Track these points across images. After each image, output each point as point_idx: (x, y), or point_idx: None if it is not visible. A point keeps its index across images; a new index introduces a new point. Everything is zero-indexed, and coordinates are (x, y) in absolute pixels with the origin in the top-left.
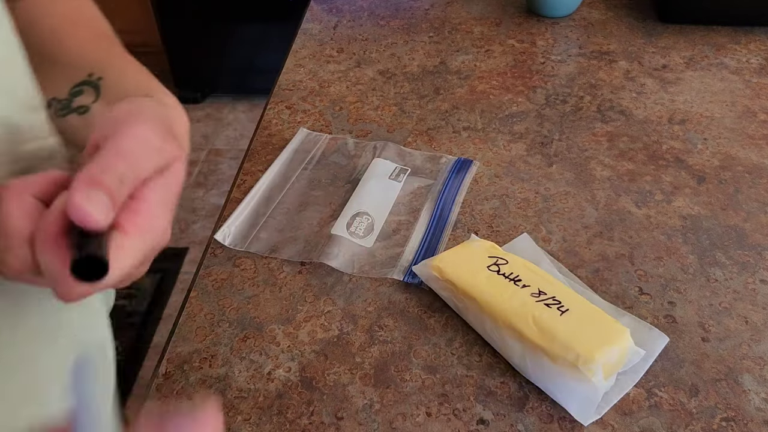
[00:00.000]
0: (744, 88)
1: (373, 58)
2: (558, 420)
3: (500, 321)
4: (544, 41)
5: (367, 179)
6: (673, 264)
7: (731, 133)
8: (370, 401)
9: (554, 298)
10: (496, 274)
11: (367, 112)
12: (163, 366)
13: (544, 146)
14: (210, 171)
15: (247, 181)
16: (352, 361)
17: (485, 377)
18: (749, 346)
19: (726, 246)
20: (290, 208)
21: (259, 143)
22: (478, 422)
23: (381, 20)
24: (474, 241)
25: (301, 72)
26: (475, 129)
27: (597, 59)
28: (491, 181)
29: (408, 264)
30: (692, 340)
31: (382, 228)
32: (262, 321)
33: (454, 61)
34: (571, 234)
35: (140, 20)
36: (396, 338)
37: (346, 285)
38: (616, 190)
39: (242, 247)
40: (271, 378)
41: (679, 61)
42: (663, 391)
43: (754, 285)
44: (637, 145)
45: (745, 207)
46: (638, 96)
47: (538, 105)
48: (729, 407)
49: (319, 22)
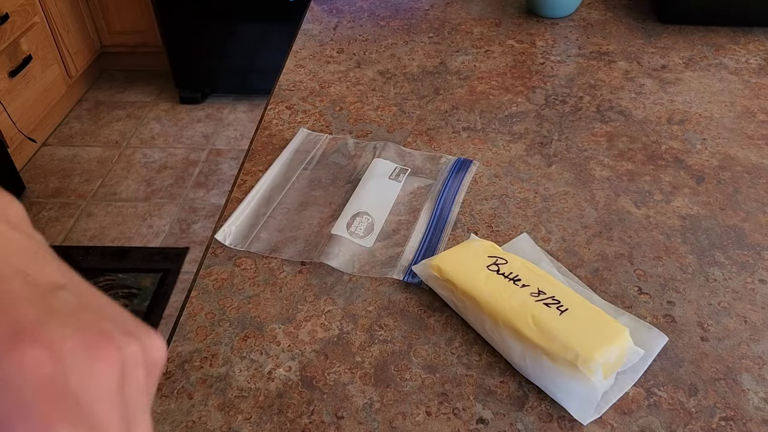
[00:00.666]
0: (743, 88)
1: (373, 58)
2: (557, 419)
3: (500, 320)
4: (543, 42)
5: (367, 179)
6: (673, 264)
7: (730, 133)
8: (370, 400)
9: (553, 298)
10: (495, 274)
11: (367, 113)
12: (164, 365)
13: (544, 146)
14: (210, 171)
15: (248, 181)
16: (352, 360)
17: (485, 376)
18: (748, 345)
19: (725, 246)
20: (290, 208)
21: (260, 143)
22: (477, 421)
23: (381, 21)
24: (474, 240)
25: (302, 72)
26: (475, 129)
27: (596, 59)
28: (491, 181)
29: (408, 264)
30: (691, 340)
31: (382, 228)
32: (263, 320)
33: (453, 62)
34: (571, 234)
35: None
36: (396, 338)
37: (346, 285)
38: (616, 190)
39: (243, 246)
40: (272, 377)
41: (678, 61)
42: (662, 391)
43: (753, 285)
44: (636, 145)
45: (744, 207)
46: (637, 96)
47: (537, 105)
48: (728, 407)
49: (319, 23)
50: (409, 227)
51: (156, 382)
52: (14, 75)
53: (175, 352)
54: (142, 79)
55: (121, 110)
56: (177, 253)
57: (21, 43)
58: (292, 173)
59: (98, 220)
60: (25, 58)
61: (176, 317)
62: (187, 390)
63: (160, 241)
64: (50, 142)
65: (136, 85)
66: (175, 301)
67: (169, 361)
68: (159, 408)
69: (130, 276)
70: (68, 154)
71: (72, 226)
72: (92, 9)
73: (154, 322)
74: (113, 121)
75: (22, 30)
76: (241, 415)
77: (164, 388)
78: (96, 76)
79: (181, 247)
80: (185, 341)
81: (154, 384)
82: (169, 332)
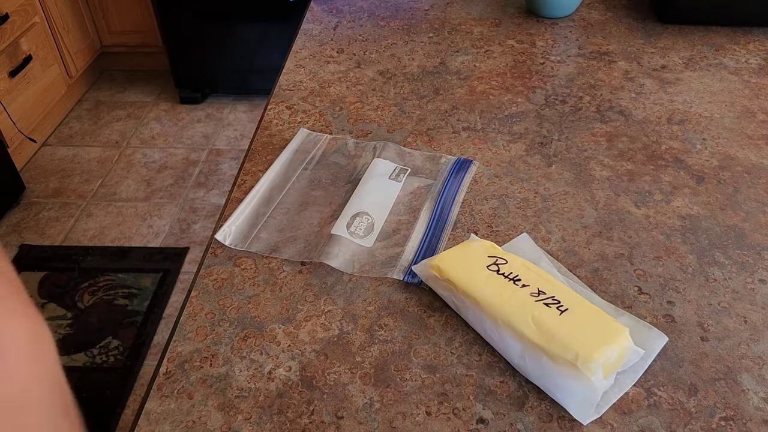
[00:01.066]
0: (743, 88)
1: (373, 58)
2: (557, 419)
3: (500, 320)
4: (543, 42)
5: (367, 179)
6: (672, 264)
7: (730, 133)
8: (370, 400)
9: (553, 298)
10: (495, 274)
11: (367, 113)
12: (164, 365)
13: (544, 146)
14: (210, 171)
15: (248, 181)
16: (352, 360)
17: (485, 376)
18: (748, 345)
19: (725, 246)
20: (290, 208)
21: (260, 143)
22: (477, 421)
23: (381, 21)
24: (474, 240)
25: (302, 72)
26: (475, 129)
27: (596, 60)
28: (491, 181)
29: (408, 264)
30: (691, 340)
31: (382, 228)
32: (263, 320)
33: (453, 62)
34: (571, 234)
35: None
36: (396, 338)
37: (346, 285)
38: (616, 190)
39: (243, 246)
40: (272, 377)
41: (678, 61)
42: (662, 391)
43: (753, 285)
44: (636, 146)
45: (744, 207)
46: (637, 96)
47: (537, 105)
48: (728, 406)
49: (319, 23)
50: (409, 227)
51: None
52: (14, 75)
53: (175, 352)
54: (142, 79)
55: (121, 110)
56: (177, 253)
57: (21, 43)
58: (292, 173)
59: (98, 220)
60: (25, 58)
61: (176, 317)
62: (187, 390)
63: (160, 241)
64: (50, 142)
65: (136, 85)
66: (175, 301)
67: (169, 361)
68: (159, 408)
69: (130, 276)
70: (68, 154)
71: (72, 226)
72: (92, 9)
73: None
74: (113, 121)
75: (22, 30)
76: (241, 415)
77: (164, 388)
78: (96, 76)
79: (181, 247)
80: (185, 341)
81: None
82: (169, 332)
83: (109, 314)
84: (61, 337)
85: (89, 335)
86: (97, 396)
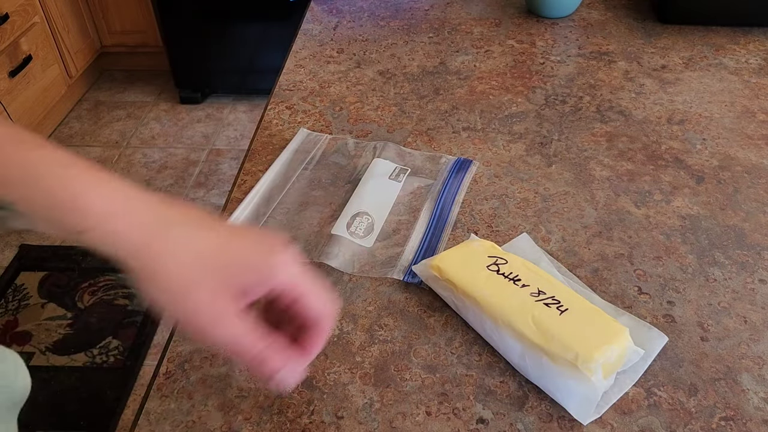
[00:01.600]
0: (743, 88)
1: (373, 58)
2: (557, 419)
3: (500, 320)
4: (543, 42)
5: (367, 179)
6: (672, 264)
7: (730, 133)
8: (370, 400)
9: (553, 298)
10: (495, 274)
11: (367, 113)
12: (164, 365)
13: (544, 146)
14: (210, 171)
15: (248, 181)
16: (352, 360)
17: (485, 376)
18: (748, 345)
19: (725, 246)
20: (290, 208)
21: (260, 143)
22: (477, 421)
23: (381, 21)
24: (474, 240)
25: (302, 72)
26: (475, 129)
27: (596, 60)
28: (491, 181)
29: (408, 264)
30: (691, 340)
31: (382, 228)
32: None
33: (453, 62)
34: (571, 234)
35: (141, 20)
36: (396, 338)
37: (346, 284)
38: (616, 190)
39: None
40: None
41: (678, 61)
42: (662, 391)
43: (753, 285)
44: (636, 145)
45: (744, 207)
46: (637, 96)
47: (537, 105)
48: (728, 406)
49: (319, 23)
50: (409, 227)
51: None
52: (14, 75)
53: (175, 352)
54: (142, 79)
55: (121, 110)
56: None
57: (21, 43)
58: (292, 173)
59: None
60: (25, 58)
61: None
62: (187, 390)
63: None
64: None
65: (136, 85)
66: None
67: (169, 361)
68: (159, 408)
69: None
70: None
71: None
72: (92, 9)
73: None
74: (113, 121)
75: (22, 30)
76: (241, 415)
77: (164, 388)
78: (96, 76)
79: None
80: (185, 341)
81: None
82: (169, 332)
83: (109, 314)
84: (61, 337)
85: (89, 335)
86: (97, 396)
